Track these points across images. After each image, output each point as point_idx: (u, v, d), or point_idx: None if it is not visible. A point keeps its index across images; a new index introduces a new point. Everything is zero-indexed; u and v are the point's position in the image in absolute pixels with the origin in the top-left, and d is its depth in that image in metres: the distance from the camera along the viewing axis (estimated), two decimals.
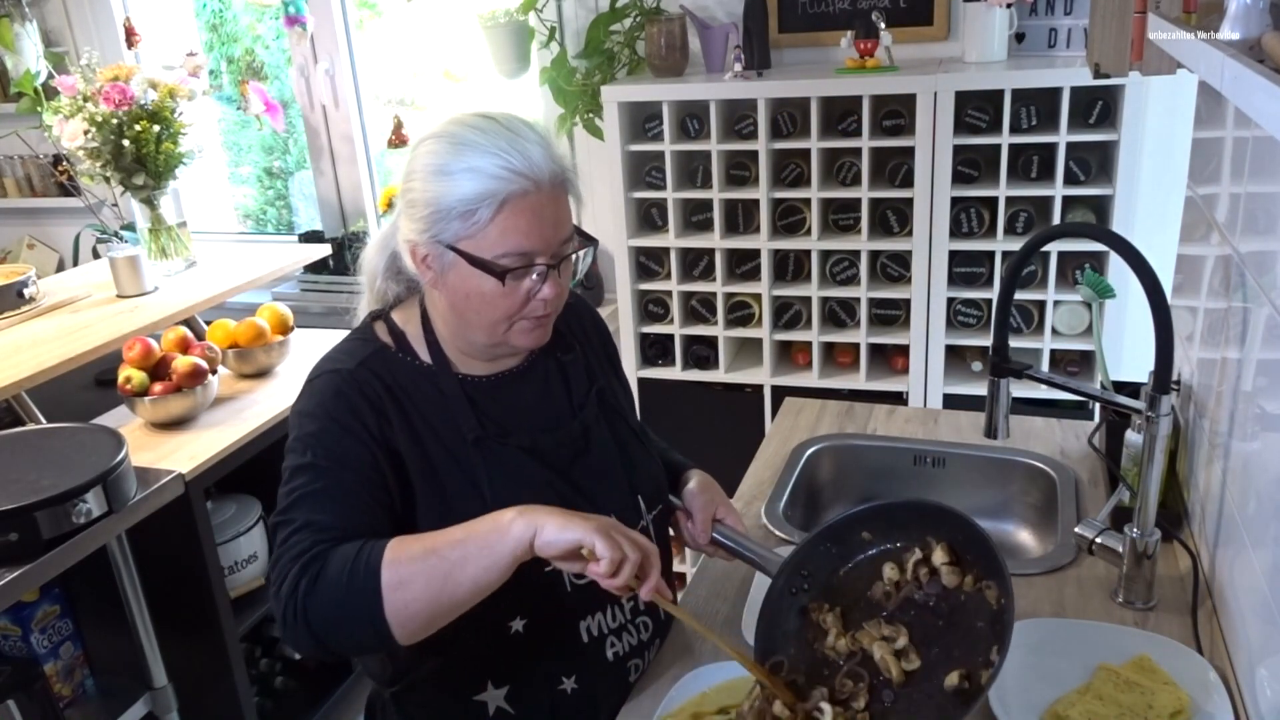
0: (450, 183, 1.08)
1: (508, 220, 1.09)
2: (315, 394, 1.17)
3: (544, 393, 1.27)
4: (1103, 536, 1.33)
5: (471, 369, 1.23)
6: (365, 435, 1.13)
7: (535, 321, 1.17)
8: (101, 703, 2.02)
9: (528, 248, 1.10)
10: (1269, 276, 1.06)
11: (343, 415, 1.13)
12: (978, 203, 2.31)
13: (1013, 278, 1.34)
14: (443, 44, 3.25)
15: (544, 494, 1.16)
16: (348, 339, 1.25)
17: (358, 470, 1.12)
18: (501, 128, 1.10)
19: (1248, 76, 0.68)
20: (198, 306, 2.45)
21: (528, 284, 1.13)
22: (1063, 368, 2.39)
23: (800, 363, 2.60)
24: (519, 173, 1.08)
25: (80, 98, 2.46)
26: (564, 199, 1.15)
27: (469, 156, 1.08)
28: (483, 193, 1.07)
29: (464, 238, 1.10)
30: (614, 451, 1.28)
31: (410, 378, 1.20)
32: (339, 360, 1.20)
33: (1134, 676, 1.16)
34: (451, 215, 1.09)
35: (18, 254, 3.79)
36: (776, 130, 2.38)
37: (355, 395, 1.15)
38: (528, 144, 1.10)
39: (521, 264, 1.11)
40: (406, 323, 1.24)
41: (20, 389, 2.03)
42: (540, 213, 1.10)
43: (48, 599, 1.96)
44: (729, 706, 1.18)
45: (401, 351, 1.21)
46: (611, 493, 1.25)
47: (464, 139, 1.10)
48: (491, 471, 1.17)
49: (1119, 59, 1.22)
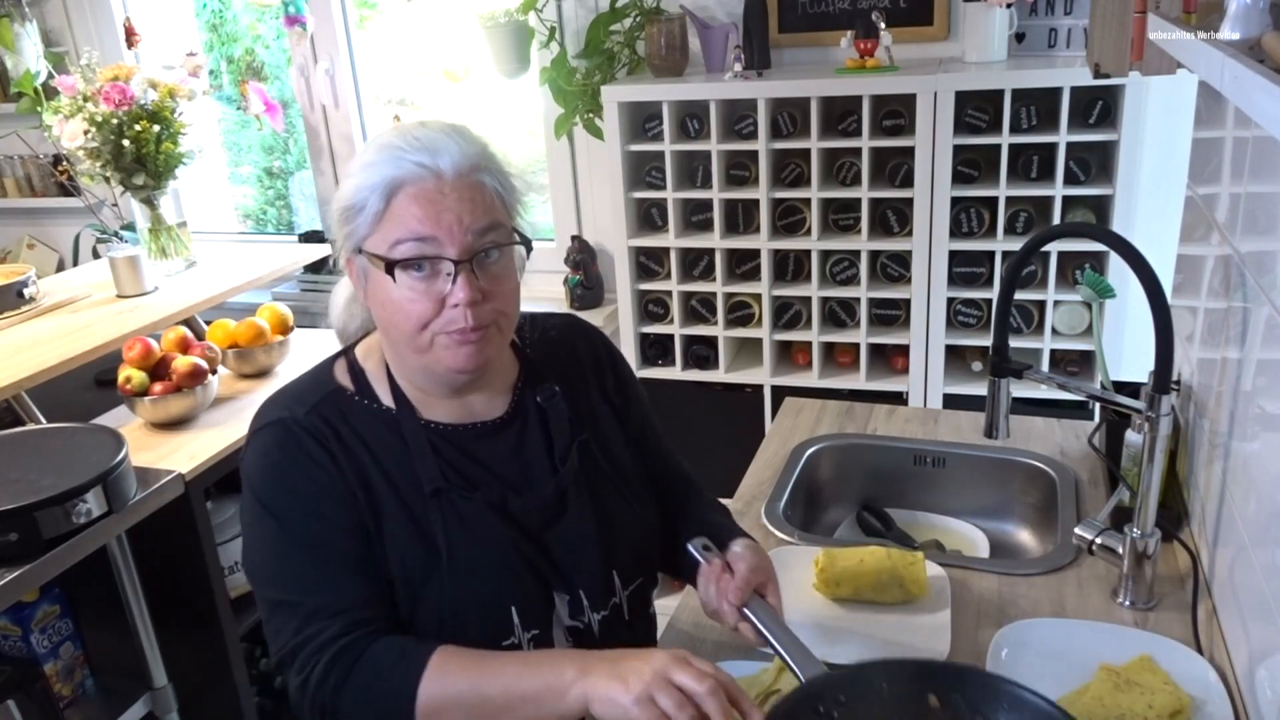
0: (350, 179, 1.04)
1: (400, 206, 1.01)
2: (265, 451, 1.09)
3: (520, 446, 1.16)
4: (1103, 536, 1.33)
5: (436, 414, 1.13)
6: (335, 489, 1.06)
7: (458, 337, 1.04)
8: (101, 703, 2.02)
9: (423, 233, 1.01)
10: (1269, 276, 1.06)
11: (306, 471, 1.06)
12: (978, 203, 2.31)
13: (1013, 278, 1.34)
14: (443, 44, 3.25)
15: (508, 555, 1.09)
16: (303, 378, 1.16)
17: (344, 529, 1.06)
18: (415, 125, 1.05)
19: (1248, 76, 0.68)
20: (198, 306, 2.45)
21: (439, 285, 1.03)
22: (1063, 368, 2.39)
23: (800, 363, 2.60)
24: (413, 160, 1.01)
25: (80, 98, 2.46)
26: (479, 191, 1.04)
27: (370, 152, 1.04)
28: (375, 181, 1.02)
29: (366, 236, 1.04)
30: (591, 522, 1.15)
31: (368, 424, 1.10)
32: (286, 405, 1.11)
33: (1134, 676, 1.16)
34: (352, 212, 1.04)
35: (18, 254, 3.79)
36: (776, 130, 2.38)
37: (310, 444, 1.07)
38: (434, 134, 1.03)
39: (416, 253, 1.01)
40: (367, 358, 1.16)
41: (20, 389, 2.03)
42: (438, 200, 1.01)
43: (48, 599, 1.96)
44: None
45: (361, 395, 1.12)
46: (583, 566, 1.14)
47: (379, 139, 1.06)
48: (449, 526, 1.08)
49: (1119, 59, 1.22)
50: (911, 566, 1.36)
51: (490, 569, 1.08)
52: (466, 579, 1.07)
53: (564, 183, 2.93)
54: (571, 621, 1.12)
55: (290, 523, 1.06)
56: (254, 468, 1.09)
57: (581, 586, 1.13)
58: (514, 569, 1.10)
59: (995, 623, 1.30)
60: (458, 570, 1.07)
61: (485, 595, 1.08)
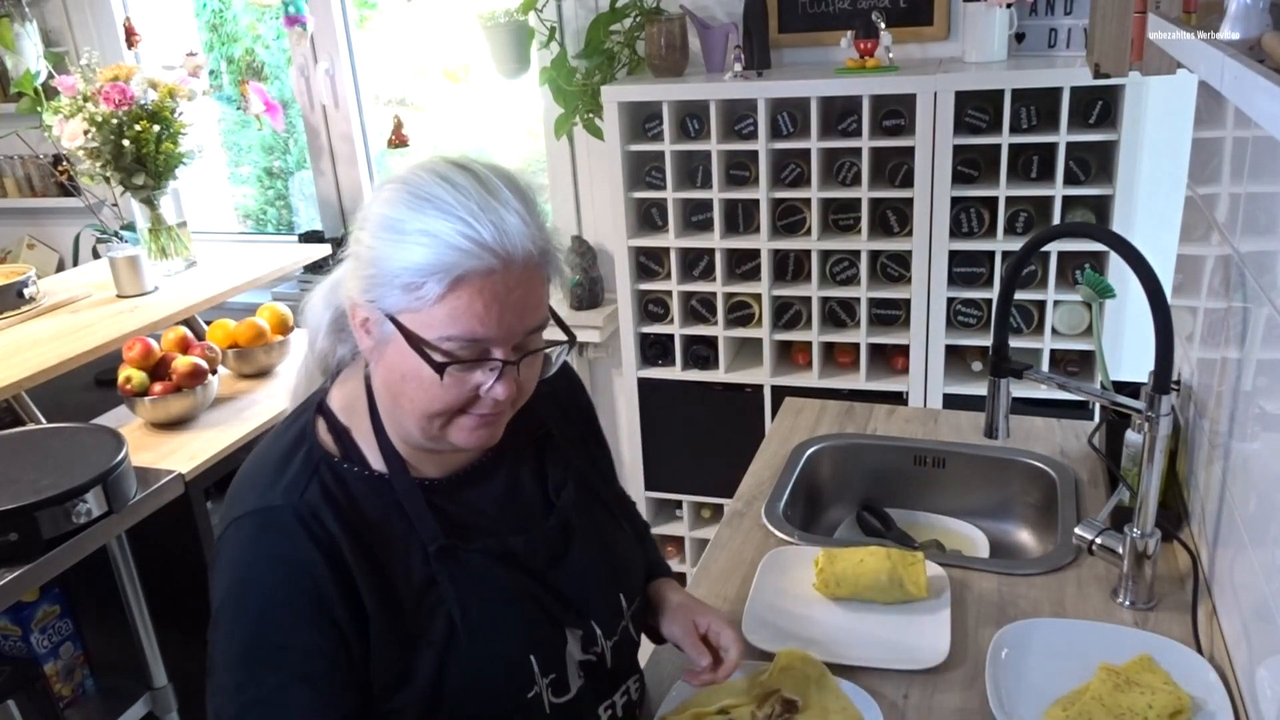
0: (400, 244, 0.89)
1: (460, 300, 0.89)
2: (245, 552, 0.95)
3: (513, 486, 1.09)
4: (1103, 537, 1.33)
5: (428, 468, 1.04)
6: (322, 603, 0.93)
7: (481, 419, 0.97)
8: (101, 703, 2.02)
9: (481, 335, 0.90)
10: (1269, 276, 1.06)
11: (291, 585, 0.93)
12: (978, 203, 2.31)
13: (1013, 278, 1.34)
14: (443, 44, 3.25)
15: (522, 604, 1.03)
16: (282, 442, 1.02)
17: (328, 656, 0.94)
18: (477, 186, 0.91)
19: (1248, 76, 0.68)
20: (198, 306, 2.45)
21: (477, 378, 0.94)
22: (1063, 368, 2.39)
23: (800, 363, 2.60)
24: (484, 245, 0.88)
25: (80, 98, 2.47)
26: (539, 281, 0.94)
27: (428, 216, 0.89)
28: (435, 264, 0.88)
29: (407, 310, 0.90)
30: (597, 546, 1.11)
31: (362, 494, 0.99)
32: (269, 492, 0.96)
33: (1134, 676, 1.16)
34: (395, 282, 0.90)
35: (18, 254, 3.79)
36: (776, 130, 2.38)
37: (299, 547, 0.93)
38: (503, 211, 0.90)
39: (469, 354, 0.92)
40: (350, 409, 1.03)
41: (20, 389, 2.03)
42: (503, 297, 0.90)
43: (48, 599, 1.96)
44: (730, 705, 1.18)
45: (348, 460, 1.00)
46: (596, 596, 1.09)
47: (428, 193, 0.90)
48: (460, 587, 0.99)
49: (1119, 59, 1.22)
50: (911, 566, 1.37)
51: (506, 622, 1.03)
52: (484, 639, 1.01)
53: (564, 183, 2.93)
54: (584, 656, 1.08)
55: (268, 641, 0.93)
56: (234, 572, 0.95)
57: (593, 618, 1.08)
58: (530, 618, 1.04)
59: (995, 623, 1.30)
60: (475, 631, 1.00)
61: (505, 651, 1.02)
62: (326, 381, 1.08)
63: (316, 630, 0.93)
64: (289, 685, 0.92)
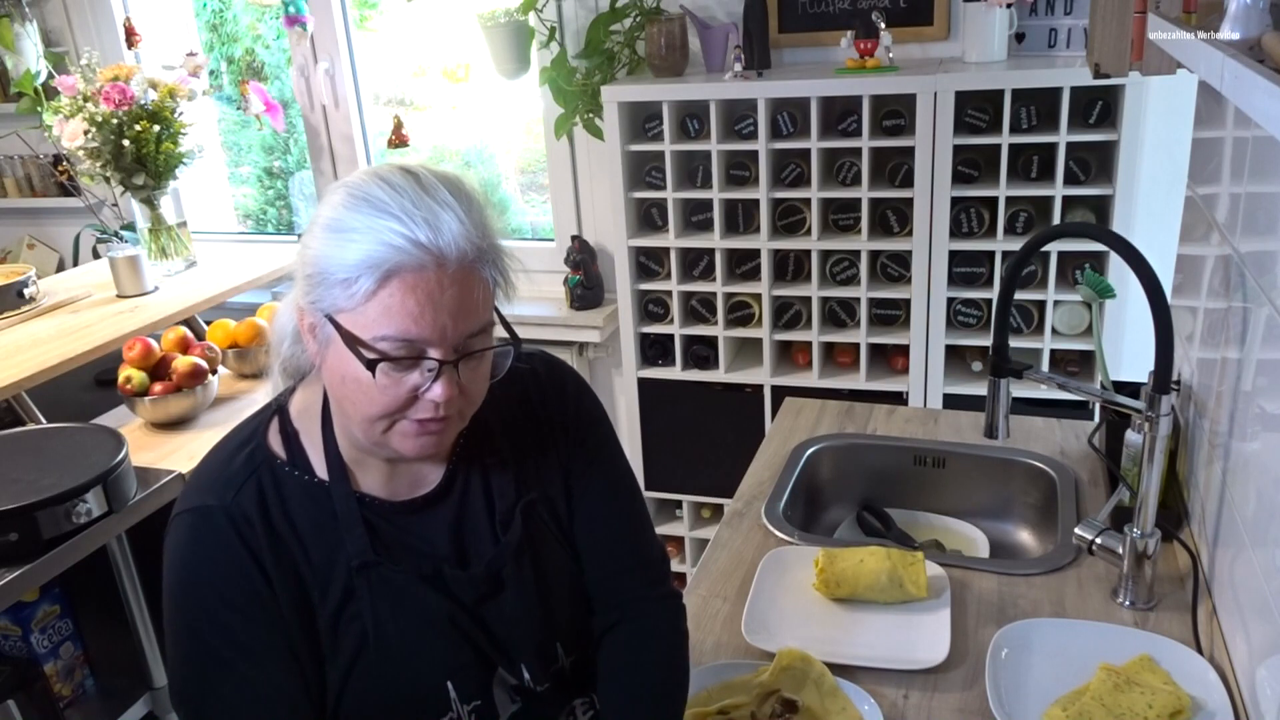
0: (336, 242, 0.90)
1: (393, 298, 0.88)
2: (183, 549, 0.99)
3: (459, 518, 1.06)
4: (1103, 537, 1.33)
5: (371, 483, 1.03)
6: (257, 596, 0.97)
7: (420, 426, 0.95)
8: (101, 703, 2.02)
9: (415, 334, 0.89)
10: (1269, 276, 1.06)
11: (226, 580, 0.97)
12: (978, 203, 2.31)
13: (1013, 278, 1.34)
14: (443, 44, 3.25)
15: (444, 630, 1.02)
16: (232, 442, 1.04)
17: (268, 644, 0.98)
18: (414, 186, 0.91)
19: (1248, 76, 0.68)
20: (198, 306, 2.45)
21: (414, 378, 0.92)
22: (1063, 368, 2.39)
23: (800, 363, 2.60)
24: (415, 242, 0.88)
25: (80, 98, 2.47)
26: (475, 281, 0.92)
27: (363, 214, 0.89)
28: (367, 259, 0.88)
29: (344, 310, 0.90)
30: (533, 596, 1.07)
31: (299, 500, 1.00)
32: (213, 488, 1.00)
33: (1134, 676, 1.16)
34: (331, 280, 0.90)
35: (18, 254, 3.79)
36: (776, 130, 2.38)
37: (229, 546, 0.97)
38: (439, 209, 0.90)
39: (401, 353, 0.91)
40: (305, 413, 1.04)
41: (20, 389, 2.03)
42: (437, 296, 0.89)
43: (48, 599, 1.96)
44: (730, 706, 1.18)
45: (293, 465, 1.01)
46: (523, 642, 1.07)
47: (366, 193, 0.91)
48: (377, 602, 0.99)
49: (1119, 59, 1.22)
50: (911, 566, 1.37)
51: (423, 645, 1.02)
52: (397, 658, 1.00)
53: (564, 183, 2.93)
54: (515, 681, 1.06)
55: (216, 635, 0.97)
56: (177, 567, 0.99)
57: (522, 661, 1.06)
58: (450, 643, 1.03)
59: (995, 623, 1.30)
60: (388, 649, 1.00)
61: (418, 674, 1.02)
62: (294, 383, 1.09)
63: (254, 623, 0.97)
64: (233, 675, 0.97)
